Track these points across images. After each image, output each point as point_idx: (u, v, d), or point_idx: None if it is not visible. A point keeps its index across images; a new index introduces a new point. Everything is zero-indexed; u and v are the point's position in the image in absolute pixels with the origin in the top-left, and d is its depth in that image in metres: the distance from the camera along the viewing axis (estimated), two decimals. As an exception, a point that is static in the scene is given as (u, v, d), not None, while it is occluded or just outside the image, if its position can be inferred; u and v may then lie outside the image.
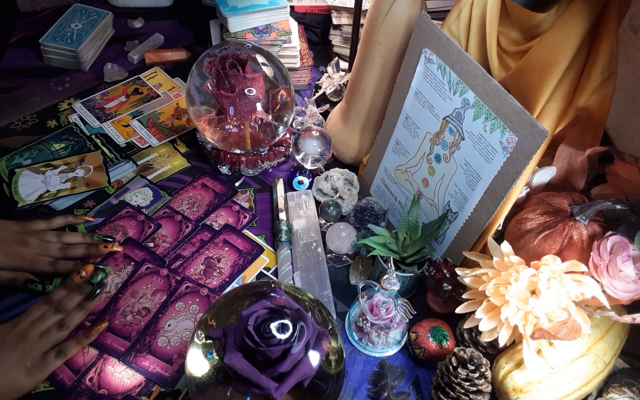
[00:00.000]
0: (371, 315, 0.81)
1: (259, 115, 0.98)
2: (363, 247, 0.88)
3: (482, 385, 0.73)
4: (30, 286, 0.83)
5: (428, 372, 0.82)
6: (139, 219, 0.96)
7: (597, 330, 0.77)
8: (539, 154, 0.76)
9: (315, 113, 1.14)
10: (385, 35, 0.91)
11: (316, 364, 0.62)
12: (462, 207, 0.84)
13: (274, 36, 1.14)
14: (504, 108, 0.73)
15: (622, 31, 1.05)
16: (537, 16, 0.75)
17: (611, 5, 0.72)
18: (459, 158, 0.83)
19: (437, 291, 0.86)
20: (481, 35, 0.85)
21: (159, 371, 0.78)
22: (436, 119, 0.85)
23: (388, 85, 0.96)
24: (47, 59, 1.24)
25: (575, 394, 0.74)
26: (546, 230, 0.76)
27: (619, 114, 1.08)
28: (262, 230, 0.98)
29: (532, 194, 0.85)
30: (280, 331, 0.60)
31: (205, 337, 0.64)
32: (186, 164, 1.08)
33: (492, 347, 0.79)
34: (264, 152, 1.05)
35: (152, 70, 1.26)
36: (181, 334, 0.82)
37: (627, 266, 0.72)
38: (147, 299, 0.86)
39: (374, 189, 1.03)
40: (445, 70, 0.81)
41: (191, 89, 0.99)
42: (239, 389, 0.60)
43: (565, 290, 0.71)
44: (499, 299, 0.73)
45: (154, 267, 0.90)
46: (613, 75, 0.75)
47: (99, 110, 1.15)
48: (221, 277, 0.90)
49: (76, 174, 1.02)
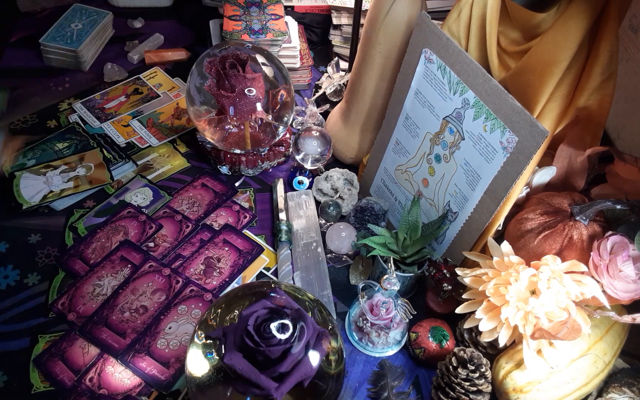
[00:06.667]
0: (371, 315, 0.81)
1: (259, 115, 0.98)
2: (363, 247, 0.88)
3: (482, 385, 0.73)
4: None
5: (428, 372, 0.82)
6: (140, 219, 0.97)
7: (597, 330, 0.77)
8: (539, 154, 0.76)
9: (315, 113, 1.14)
10: (385, 35, 0.91)
11: (316, 364, 0.62)
12: (462, 207, 0.84)
13: (270, 37, 1.14)
14: (504, 108, 0.73)
15: (622, 31, 1.05)
16: (537, 16, 0.75)
17: (611, 5, 0.72)
18: (459, 158, 0.83)
19: (437, 291, 0.86)
20: (481, 35, 0.85)
21: (155, 374, 0.78)
22: (436, 119, 0.85)
23: (388, 85, 0.96)
24: (47, 59, 1.24)
25: (575, 394, 0.74)
26: (546, 230, 0.76)
27: (619, 114, 1.08)
28: (262, 230, 0.98)
29: (532, 194, 0.85)
30: (280, 331, 0.60)
31: (205, 337, 0.64)
32: (186, 164, 1.08)
33: (492, 347, 0.79)
34: (264, 152, 1.05)
35: (152, 70, 1.26)
36: (181, 338, 0.82)
37: (627, 266, 0.72)
38: (146, 297, 0.86)
39: (374, 189, 1.03)
40: (445, 70, 0.81)
41: (191, 89, 0.99)
42: (239, 389, 0.60)
43: (565, 290, 0.71)
44: (499, 299, 0.73)
45: (157, 266, 0.90)
46: (613, 75, 0.75)
47: (99, 110, 1.15)
48: (221, 277, 0.90)
49: (77, 172, 1.02)
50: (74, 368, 0.78)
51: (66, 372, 0.77)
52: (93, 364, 0.78)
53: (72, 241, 0.93)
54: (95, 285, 0.87)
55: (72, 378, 0.77)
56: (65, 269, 0.89)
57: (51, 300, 0.85)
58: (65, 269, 0.89)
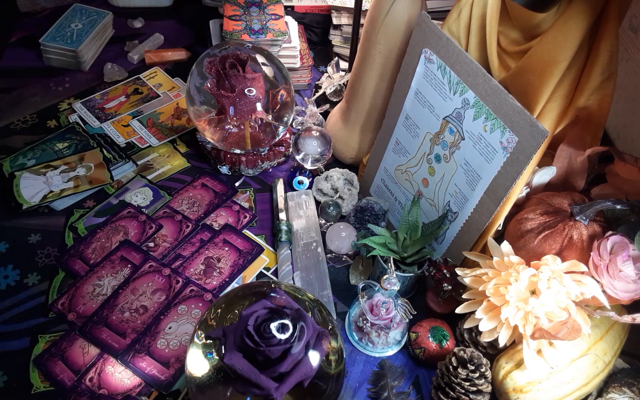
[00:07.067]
0: (371, 315, 0.81)
1: (259, 115, 0.98)
2: (363, 247, 0.88)
3: (482, 385, 0.73)
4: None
5: (428, 372, 0.82)
6: (140, 219, 0.96)
7: (597, 330, 0.77)
8: (539, 154, 0.76)
9: (315, 113, 1.14)
10: (385, 35, 0.91)
11: (316, 364, 0.62)
12: (462, 207, 0.84)
13: (270, 37, 1.14)
14: (504, 108, 0.73)
15: (622, 31, 1.05)
16: (537, 16, 0.75)
17: (611, 5, 0.72)
18: (459, 158, 0.83)
19: (437, 291, 0.86)
20: (481, 35, 0.85)
21: (155, 374, 0.78)
22: (436, 119, 0.85)
23: (388, 85, 0.96)
24: (47, 59, 1.24)
25: (575, 394, 0.74)
26: (546, 230, 0.76)
27: (619, 114, 1.08)
28: (262, 230, 0.98)
29: (532, 194, 0.85)
30: (280, 331, 0.60)
31: (205, 337, 0.64)
32: (186, 164, 1.08)
33: (492, 347, 0.79)
34: (264, 152, 1.05)
35: (152, 70, 1.26)
36: (181, 338, 0.82)
37: (627, 266, 0.72)
38: (146, 297, 0.86)
39: (374, 189, 1.03)
40: (445, 70, 0.81)
41: (191, 89, 0.99)
42: (239, 389, 0.60)
43: (565, 290, 0.71)
44: (499, 299, 0.73)
45: (157, 266, 0.90)
46: (613, 75, 0.75)
47: (99, 110, 1.15)
48: (221, 277, 0.90)
49: (77, 172, 1.02)
50: (74, 368, 0.78)
51: (66, 372, 0.77)
52: (93, 364, 0.78)
53: (72, 241, 0.93)
54: (95, 285, 0.87)
55: (72, 378, 0.77)
56: (65, 269, 0.89)
57: (51, 300, 0.85)
58: (65, 269, 0.89)
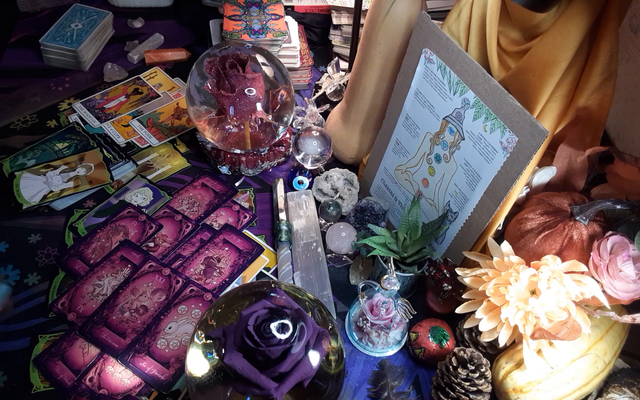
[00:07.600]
0: (371, 315, 0.81)
1: (259, 115, 0.98)
2: (363, 247, 0.88)
3: (482, 385, 0.73)
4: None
5: (428, 372, 0.82)
6: (140, 219, 0.96)
7: (597, 330, 0.77)
8: (539, 154, 0.76)
9: (315, 113, 1.14)
10: (385, 35, 0.91)
11: (316, 364, 0.62)
12: (462, 207, 0.84)
13: (270, 37, 1.14)
14: (504, 108, 0.73)
15: (622, 31, 1.05)
16: (537, 16, 0.75)
17: (611, 5, 0.72)
18: (459, 158, 0.83)
19: (437, 291, 0.86)
20: (481, 35, 0.85)
21: (155, 374, 0.78)
22: (436, 119, 0.85)
23: (388, 85, 0.96)
24: (47, 59, 1.24)
25: (575, 394, 0.74)
26: (546, 230, 0.76)
27: (619, 114, 1.08)
28: (262, 230, 0.98)
29: (532, 194, 0.85)
30: (280, 331, 0.60)
31: (205, 337, 0.64)
32: (186, 164, 1.08)
33: (492, 347, 0.79)
34: (264, 152, 1.05)
35: (152, 70, 1.26)
36: (181, 338, 0.82)
37: (627, 266, 0.72)
38: (146, 297, 0.86)
39: (374, 189, 1.03)
40: (445, 70, 0.81)
41: (191, 89, 0.99)
42: (239, 389, 0.60)
43: (565, 290, 0.71)
44: (499, 299, 0.73)
45: (157, 266, 0.90)
46: (613, 75, 0.75)
47: (99, 110, 1.15)
48: (221, 277, 0.90)
49: (77, 172, 1.02)
50: (74, 368, 0.78)
51: (66, 372, 0.77)
52: (93, 364, 0.78)
53: (72, 241, 0.93)
54: (95, 285, 0.87)
55: (72, 378, 0.77)
56: (65, 269, 0.89)
57: (51, 300, 0.85)
58: (65, 269, 0.89)
